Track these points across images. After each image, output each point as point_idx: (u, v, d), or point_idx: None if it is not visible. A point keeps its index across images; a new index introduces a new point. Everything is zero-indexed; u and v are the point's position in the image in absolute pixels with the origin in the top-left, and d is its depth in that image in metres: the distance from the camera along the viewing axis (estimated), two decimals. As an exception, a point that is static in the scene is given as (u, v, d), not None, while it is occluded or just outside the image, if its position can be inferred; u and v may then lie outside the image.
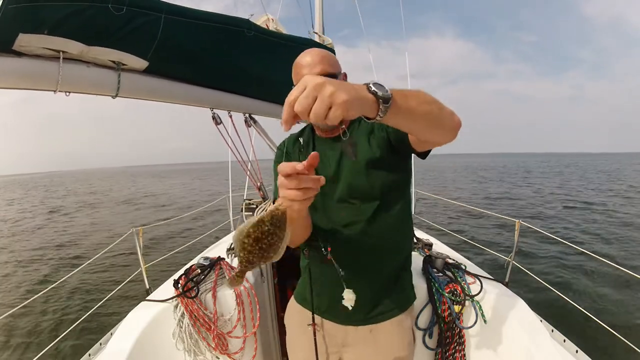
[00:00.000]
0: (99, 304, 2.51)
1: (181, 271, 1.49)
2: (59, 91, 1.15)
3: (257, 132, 2.27)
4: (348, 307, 0.88)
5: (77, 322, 2.15)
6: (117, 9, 1.15)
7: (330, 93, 0.48)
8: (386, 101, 0.54)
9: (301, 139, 1.04)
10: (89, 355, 1.37)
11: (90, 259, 2.57)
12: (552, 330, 1.40)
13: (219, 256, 1.57)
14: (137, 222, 10.48)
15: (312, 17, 3.65)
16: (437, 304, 1.29)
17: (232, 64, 1.69)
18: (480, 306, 1.29)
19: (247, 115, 2.14)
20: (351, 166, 0.92)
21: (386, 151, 0.90)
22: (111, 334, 1.38)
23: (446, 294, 1.31)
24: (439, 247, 1.99)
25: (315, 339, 1.02)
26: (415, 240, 1.83)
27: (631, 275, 1.93)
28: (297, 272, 1.13)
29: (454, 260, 1.54)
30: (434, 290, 1.32)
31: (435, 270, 1.44)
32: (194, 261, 1.57)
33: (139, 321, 1.30)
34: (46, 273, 6.11)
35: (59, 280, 2.55)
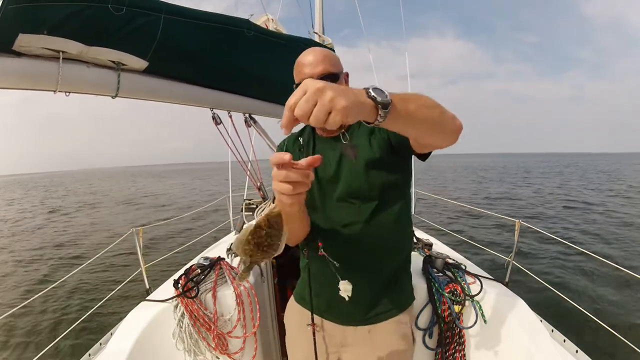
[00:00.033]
0: (99, 304, 2.51)
1: (181, 271, 1.49)
2: (58, 91, 1.16)
3: (257, 132, 2.27)
4: (345, 298, 0.86)
5: (77, 321, 2.15)
6: (116, 9, 1.15)
7: (330, 98, 0.48)
8: (385, 106, 0.54)
9: (301, 138, 1.04)
10: (89, 355, 1.37)
11: (90, 258, 2.56)
12: (552, 330, 1.40)
13: (219, 256, 1.57)
14: (137, 222, 10.48)
15: (312, 17, 3.65)
16: (437, 304, 1.29)
17: (232, 64, 1.69)
18: (480, 306, 1.29)
19: (247, 115, 2.14)
20: (351, 166, 0.92)
21: (387, 152, 0.90)
22: (111, 334, 1.39)
23: (446, 294, 1.31)
24: (439, 247, 1.99)
25: (315, 339, 1.02)
26: (415, 240, 1.83)
27: (631, 275, 1.93)
28: (297, 272, 1.13)
29: (454, 260, 1.54)
30: (434, 290, 1.32)
31: (435, 270, 1.44)
32: (194, 261, 1.57)
33: (139, 321, 1.31)
34: (46, 273, 6.11)
35: (58, 280, 2.55)
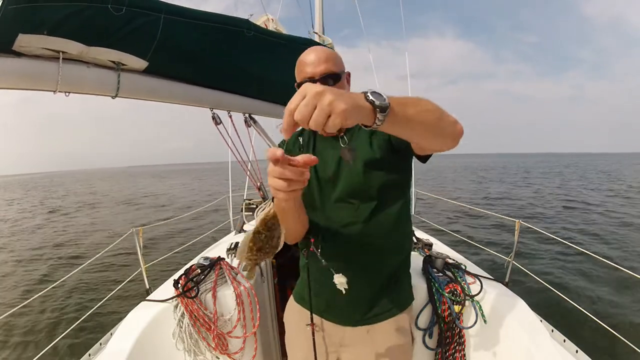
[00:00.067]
0: (99, 303, 2.51)
1: (181, 271, 1.49)
2: (58, 91, 1.16)
3: (257, 132, 2.27)
4: (342, 291, 0.86)
5: (77, 321, 2.15)
6: (116, 10, 1.15)
7: (329, 102, 0.49)
8: (383, 110, 0.54)
9: (301, 137, 1.03)
10: (89, 355, 1.37)
11: (90, 258, 2.57)
12: (552, 330, 1.40)
13: (219, 256, 1.56)
14: (137, 222, 10.48)
15: (312, 17, 3.66)
16: (437, 304, 1.28)
17: (232, 64, 1.69)
18: (480, 306, 1.29)
19: (247, 115, 2.14)
20: (351, 166, 0.92)
21: (387, 152, 0.89)
22: (111, 334, 1.38)
23: (446, 294, 1.30)
24: (439, 247, 1.99)
25: (314, 338, 1.01)
26: (415, 240, 1.83)
27: (631, 275, 1.93)
28: (297, 272, 1.13)
29: (454, 260, 1.54)
30: (434, 290, 1.32)
31: (435, 270, 1.43)
32: (194, 261, 1.57)
33: (139, 321, 1.30)
34: (45, 272, 6.10)
35: (58, 279, 2.55)
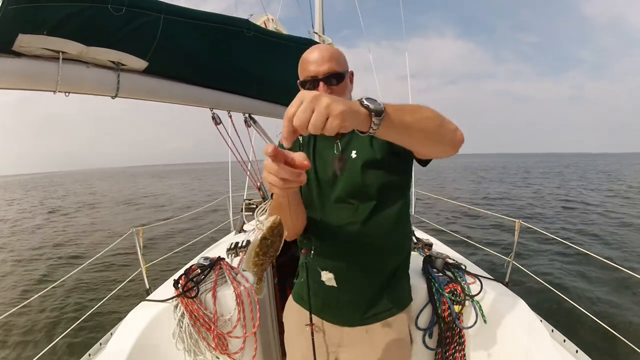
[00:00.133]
0: (99, 303, 2.51)
1: (181, 271, 1.49)
2: (58, 91, 1.16)
3: (257, 132, 2.27)
4: (334, 287, 0.91)
5: (78, 321, 2.15)
6: (116, 10, 1.15)
7: (326, 104, 0.50)
8: (378, 114, 0.56)
9: (301, 137, 1.03)
10: (89, 355, 1.37)
11: (90, 258, 2.57)
12: (552, 330, 1.40)
13: (219, 256, 1.56)
14: (137, 222, 10.48)
15: (312, 17, 3.66)
16: (437, 304, 1.28)
17: (232, 64, 1.69)
18: (480, 306, 1.29)
19: (246, 115, 2.14)
20: (351, 166, 0.92)
21: (387, 153, 0.89)
22: (111, 334, 1.39)
23: (446, 294, 1.31)
24: (439, 247, 1.99)
25: (313, 338, 1.01)
26: (415, 240, 1.83)
27: (631, 275, 1.93)
28: (297, 272, 1.13)
29: (454, 260, 1.54)
30: (434, 290, 1.32)
31: (435, 270, 1.43)
32: (194, 261, 1.57)
33: (139, 321, 1.30)
34: (45, 272, 6.10)
35: (58, 279, 2.55)
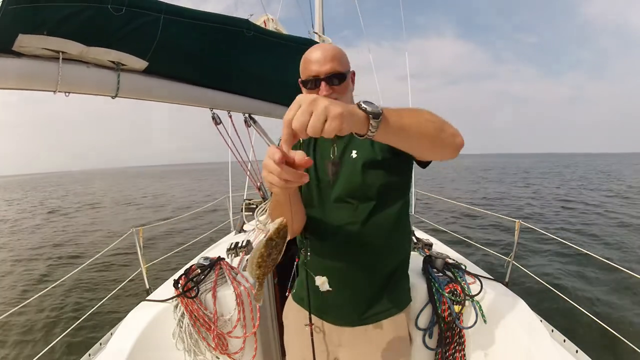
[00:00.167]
0: (99, 303, 2.51)
1: (181, 271, 1.49)
2: (58, 91, 1.16)
3: (257, 132, 2.27)
4: (328, 289, 0.89)
5: (78, 321, 2.15)
6: (116, 10, 1.15)
7: (324, 107, 0.50)
8: (376, 116, 0.56)
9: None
10: (89, 355, 1.37)
11: (89, 258, 2.57)
12: (552, 330, 1.40)
13: (219, 256, 1.56)
14: (137, 222, 10.47)
15: (312, 17, 3.66)
16: (437, 304, 1.28)
17: (232, 64, 1.69)
18: (480, 306, 1.29)
19: (246, 115, 2.14)
20: (351, 166, 0.92)
21: (388, 153, 0.89)
22: (111, 333, 1.38)
23: (446, 294, 1.30)
24: (439, 247, 1.99)
25: (312, 338, 1.01)
26: (415, 240, 1.83)
27: (631, 275, 1.93)
28: (297, 272, 1.13)
29: (454, 260, 1.54)
30: (434, 290, 1.32)
31: (435, 270, 1.43)
32: (194, 261, 1.57)
33: (139, 321, 1.30)
34: (45, 272, 6.10)
35: (57, 279, 2.55)
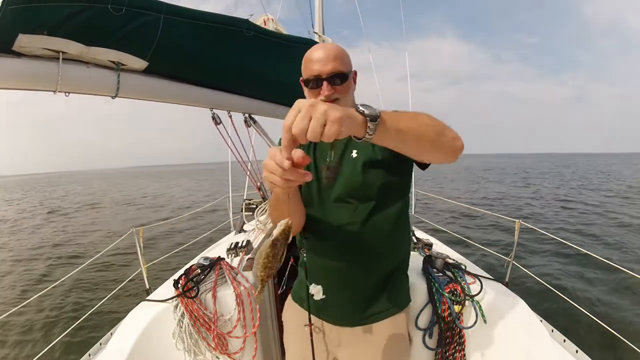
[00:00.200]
0: (99, 303, 2.51)
1: (181, 271, 1.49)
2: (58, 91, 1.16)
3: (257, 132, 2.27)
4: (322, 297, 0.93)
5: (78, 321, 2.15)
6: (116, 10, 1.15)
7: (323, 111, 0.50)
8: (374, 119, 0.56)
9: None
10: (89, 355, 1.37)
11: (89, 258, 2.57)
12: (552, 330, 1.40)
13: (219, 256, 1.56)
14: (137, 222, 10.47)
15: (312, 17, 3.66)
16: (437, 304, 1.29)
17: (232, 64, 1.69)
18: (480, 306, 1.29)
19: (246, 115, 2.14)
20: (352, 166, 0.92)
21: (388, 154, 0.89)
22: (111, 333, 1.38)
23: (446, 294, 1.31)
24: (439, 247, 1.99)
25: (312, 338, 1.01)
26: (415, 240, 1.83)
27: (631, 275, 1.93)
28: (297, 271, 1.13)
29: (454, 260, 1.54)
30: (434, 290, 1.32)
31: (435, 270, 1.44)
32: (194, 261, 1.57)
33: (139, 321, 1.30)
34: (45, 272, 6.10)
35: (57, 279, 2.55)
